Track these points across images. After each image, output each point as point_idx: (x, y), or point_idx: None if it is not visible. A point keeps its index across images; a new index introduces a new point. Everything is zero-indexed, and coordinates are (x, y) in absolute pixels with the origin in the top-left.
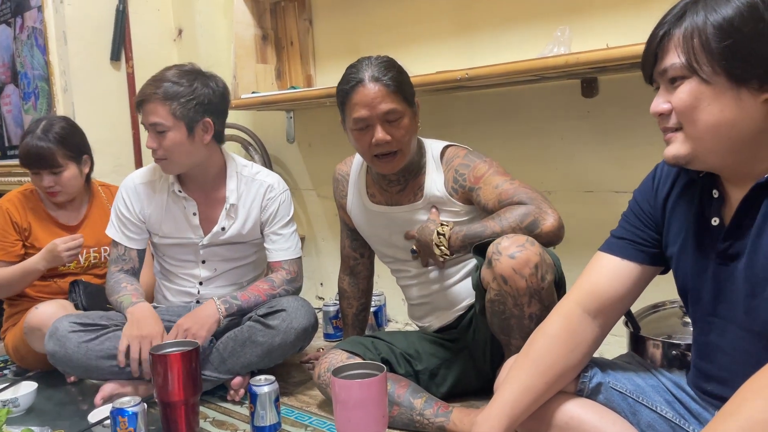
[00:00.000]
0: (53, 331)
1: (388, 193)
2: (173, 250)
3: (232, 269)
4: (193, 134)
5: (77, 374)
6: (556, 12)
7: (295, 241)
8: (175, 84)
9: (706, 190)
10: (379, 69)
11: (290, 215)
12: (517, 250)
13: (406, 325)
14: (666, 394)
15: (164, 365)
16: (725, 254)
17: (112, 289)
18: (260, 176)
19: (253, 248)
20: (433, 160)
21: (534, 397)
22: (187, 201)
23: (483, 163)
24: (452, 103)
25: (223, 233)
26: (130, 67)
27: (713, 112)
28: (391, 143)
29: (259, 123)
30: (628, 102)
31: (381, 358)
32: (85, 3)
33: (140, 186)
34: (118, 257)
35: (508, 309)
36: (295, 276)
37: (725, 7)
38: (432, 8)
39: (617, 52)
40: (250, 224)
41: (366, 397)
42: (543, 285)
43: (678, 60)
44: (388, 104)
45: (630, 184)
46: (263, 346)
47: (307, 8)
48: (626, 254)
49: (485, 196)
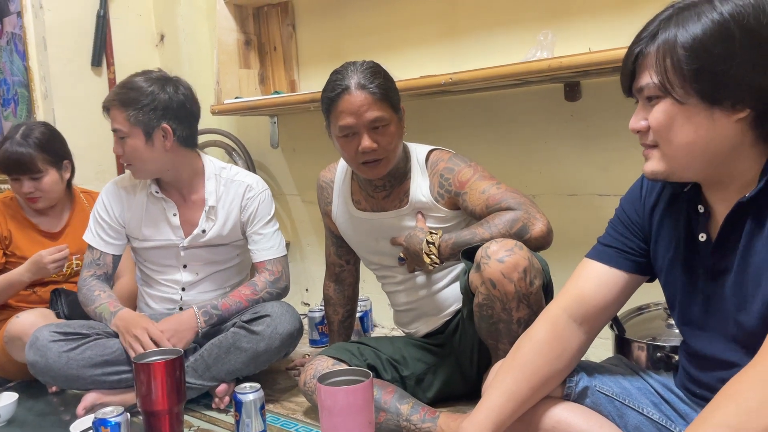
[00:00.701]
0: (34, 341)
1: (373, 199)
2: (154, 254)
3: (214, 273)
4: (152, 140)
5: (58, 384)
6: (540, 17)
7: (277, 240)
8: (132, 90)
9: (692, 204)
10: (366, 76)
11: (271, 214)
12: (506, 254)
13: (392, 331)
14: (653, 396)
15: (147, 374)
16: (714, 270)
17: (87, 299)
18: (239, 177)
19: (234, 251)
20: (418, 164)
21: (520, 402)
22: (166, 202)
23: (468, 167)
24: (436, 108)
25: (204, 235)
26: (112, 73)
27: (687, 132)
28: (377, 151)
29: (243, 128)
30: (611, 105)
31: (367, 364)
32: (66, 8)
33: (121, 190)
34: (92, 261)
35: (496, 313)
36: (279, 276)
37: (695, 25)
38: (416, 13)
39: (600, 56)
40: (230, 225)
41: (352, 403)
42: (531, 290)
43: (651, 80)
44: (374, 112)
45: (613, 187)
46: (248, 353)
47: (291, 13)
48: (613, 262)
49: (472, 201)
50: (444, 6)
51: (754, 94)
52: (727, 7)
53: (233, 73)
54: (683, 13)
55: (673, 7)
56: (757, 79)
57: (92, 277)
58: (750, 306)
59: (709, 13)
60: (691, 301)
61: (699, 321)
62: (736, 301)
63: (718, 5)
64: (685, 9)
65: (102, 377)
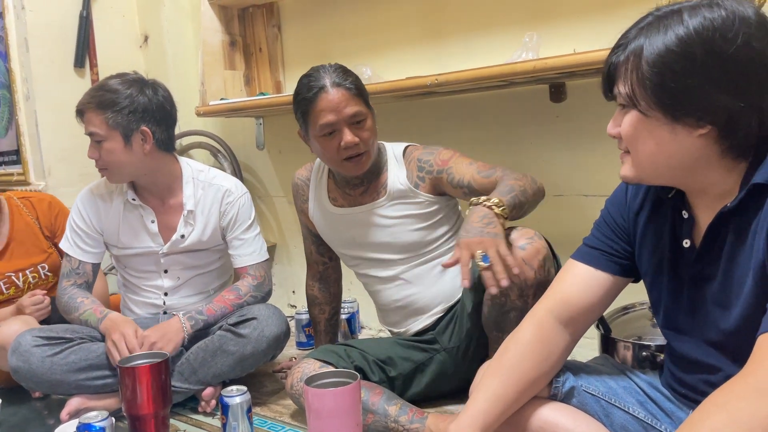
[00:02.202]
0: (16, 346)
1: (350, 196)
2: (134, 261)
3: (196, 277)
4: (131, 144)
5: (42, 390)
6: (525, 18)
7: (259, 244)
8: (109, 93)
9: (676, 209)
10: (338, 75)
11: (251, 218)
12: (526, 241)
13: (379, 332)
14: (638, 394)
15: (132, 377)
16: (698, 277)
17: (69, 306)
18: (217, 180)
19: (215, 255)
20: (395, 158)
21: (506, 404)
22: (143, 209)
23: (445, 150)
24: (422, 109)
25: (183, 241)
26: (95, 74)
27: (650, 144)
28: (359, 145)
29: (228, 130)
30: (596, 106)
31: (354, 366)
32: (48, 9)
33: (96, 197)
34: (71, 271)
35: (510, 301)
36: (262, 281)
37: (660, 39)
38: (401, 15)
39: (584, 57)
40: (209, 230)
41: (339, 405)
42: (548, 278)
43: (621, 90)
44: (353, 107)
45: (599, 187)
46: (234, 356)
47: (276, 14)
48: (598, 264)
49: (459, 172)
50: (429, 7)
51: (716, 112)
52: (694, 22)
53: (218, 75)
54: (654, 24)
55: (651, 15)
56: (719, 98)
57: (72, 286)
58: (731, 312)
59: (675, 28)
60: (676, 306)
61: (683, 326)
62: (719, 308)
63: (687, 19)
64: (658, 19)
65: (86, 382)
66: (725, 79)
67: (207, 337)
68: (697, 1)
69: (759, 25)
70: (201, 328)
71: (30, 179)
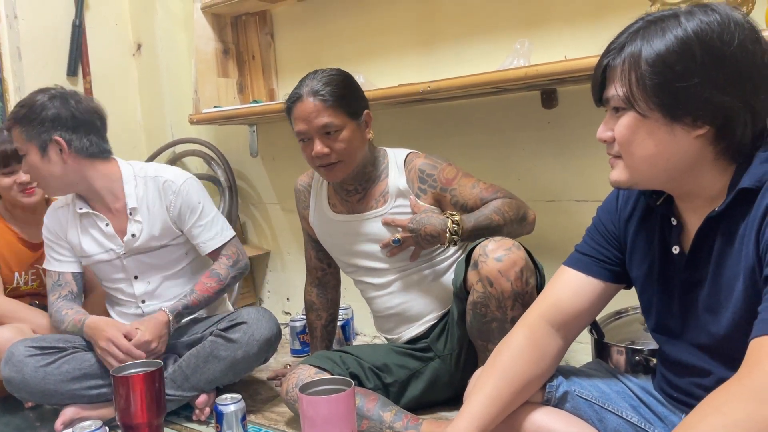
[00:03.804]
0: (9, 357)
1: (348, 203)
2: (101, 270)
3: (167, 280)
4: (48, 154)
5: (35, 400)
6: (516, 25)
7: (220, 224)
8: (23, 107)
9: (666, 216)
10: (320, 83)
11: (201, 202)
12: (503, 253)
13: (374, 339)
14: (631, 399)
15: (126, 386)
16: (688, 282)
17: (57, 321)
18: (158, 172)
19: (178, 251)
20: (396, 166)
21: (501, 407)
22: (96, 216)
23: (449, 166)
24: (415, 116)
25: (135, 239)
26: (88, 83)
27: (648, 146)
28: (329, 155)
29: (222, 137)
30: (587, 112)
31: (349, 372)
32: (41, 18)
33: (57, 210)
34: (54, 284)
35: (490, 312)
36: (236, 257)
37: (659, 41)
38: (394, 22)
39: (575, 63)
40: (159, 224)
41: (334, 412)
42: (527, 289)
43: (617, 92)
44: (324, 118)
45: (590, 193)
46: (226, 361)
47: (269, 22)
48: (590, 271)
49: (464, 195)
50: (422, 15)
51: (714, 111)
52: (692, 24)
53: (211, 82)
54: (650, 27)
55: (642, 20)
56: (717, 97)
57: (58, 299)
58: (721, 316)
59: (673, 30)
60: (667, 312)
61: (674, 330)
62: (709, 312)
63: (684, 22)
64: (653, 23)
65: (80, 391)
66: (723, 79)
67: (199, 343)
68: (690, 7)
69: (751, 30)
70: (186, 316)
71: None
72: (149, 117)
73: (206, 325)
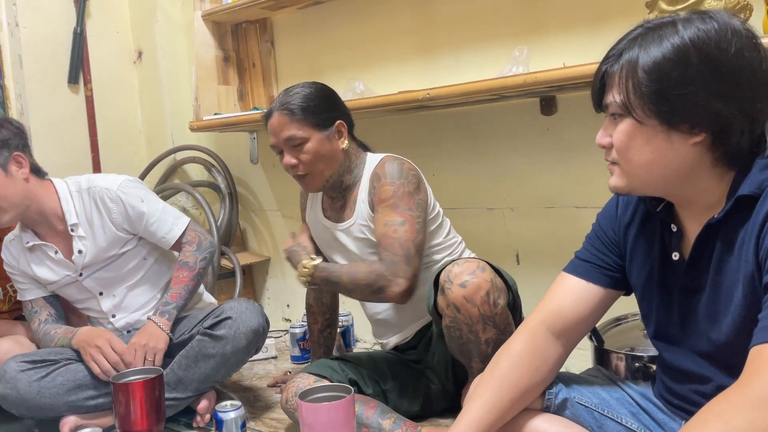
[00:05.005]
0: (2, 374)
1: (333, 209)
2: (66, 293)
3: (131, 288)
4: (10, 172)
5: (33, 414)
6: (515, 32)
7: (172, 214)
8: None
9: (665, 223)
10: (290, 96)
11: (144, 200)
12: (468, 277)
13: (374, 345)
14: (631, 405)
15: (126, 394)
16: (688, 288)
17: (46, 342)
18: (90, 183)
19: (136, 257)
20: (368, 173)
21: (500, 413)
22: (45, 246)
23: (390, 184)
24: (415, 123)
25: (83, 256)
26: (89, 90)
27: (645, 152)
28: (297, 167)
29: (222, 144)
30: (586, 119)
31: (349, 379)
32: (42, 25)
33: (10, 243)
34: (30, 312)
35: (464, 335)
36: (198, 240)
37: (657, 48)
38: (393, 29)
39: (574, 71)
40: (103, 235)
41: (334, 419)
42: (496, 311)
43: (615, 99)
44: (287, 131)
45: (590, 199)
46: (215, 358)
47: (269, 30)
48: (590, 277)
49: (376, 227)
50: (421, 22)
51: (711, 119)
52: (689, 32)
53: (212, 89)
54: (648, 34)
55: (641, 27)
56: (714, 105)
57: (40, 324)
58: (721, 323)
59: (670, 37)
60: (667, 319)
61: (674, 337)
62: (709, 319)
63: (681, 29)
64: (651, 30)
65: (78, 402)
66: (719, 86)
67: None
68: (688, 15)
69: (748, 37)
70: (177, 314)
71: None
72: (150, 124)
73: (192, 323)
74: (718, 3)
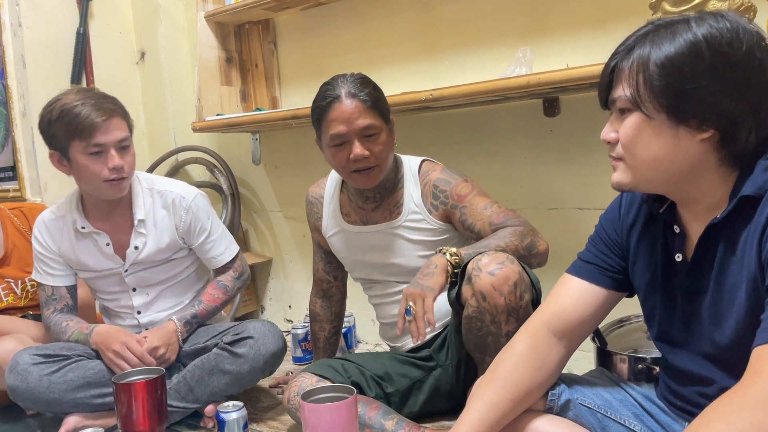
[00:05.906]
0: (14, 365)
1: (363, 210)
2: (100, 283)
3: (165, 290)
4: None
5: (40, 408)
6: (518, 34)
7: (227, 239)
8: None
9: (668, 224)
10: (355, 85)
11: (210, 218)
12: (497, 267)
13: (376, 346)
14: (634, 407)
15: (128, 394)
16: (690, 290)
17: (57, 333)
18: (168, 187)
19: (180, 266)
20: (411, 175)
21: (501, 414)
22: (97, 235)
23: (464, 182)
24: (418, 124)
25: (139, 252)
26: None
27: (652, 147)
28: (369, 159)
29: (225, 145)
30: (589, 120)
31: (351, 380)
32: (45, 26)
33: (50, 222)
34: (48, 298)
35: (485, 326)
36: (241, 270)
37: (669, 44)
38: (396, 30)
39: (577, 72)
40: (167, 238)
41: (336, 420)
42: (521, 303)
43: (624, 93)
44: (365, 120)
45: (593, 200)
46: (231, 375)
47: (272, 31)
48: (593, 278)
49: (473, 215)
50: (424, 24)
51: (720, 115)
52: (702, 29)
53: (214, 90)
54: (660, 31)
55: (652, 24)
56: (724, 102)
57: (54, 312)
58: (724, 325)
59: (683, 34)
60: (670, 320)
61: (677, 339)
62: (712, 321)
63: (694, 26)
64: (663, 27)
65: (85, 400)
66: (730, 84)
67: (202, 353)
68: (700, 14)
69: (759, 37)
70: (194, 329)
71: (26, 195)
72: (152, 125)
73: (208, 335)
74: (723, 4)
